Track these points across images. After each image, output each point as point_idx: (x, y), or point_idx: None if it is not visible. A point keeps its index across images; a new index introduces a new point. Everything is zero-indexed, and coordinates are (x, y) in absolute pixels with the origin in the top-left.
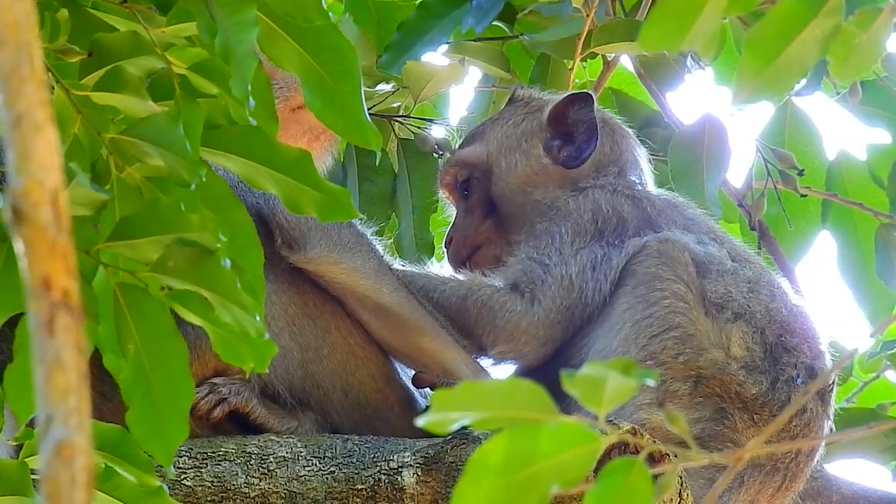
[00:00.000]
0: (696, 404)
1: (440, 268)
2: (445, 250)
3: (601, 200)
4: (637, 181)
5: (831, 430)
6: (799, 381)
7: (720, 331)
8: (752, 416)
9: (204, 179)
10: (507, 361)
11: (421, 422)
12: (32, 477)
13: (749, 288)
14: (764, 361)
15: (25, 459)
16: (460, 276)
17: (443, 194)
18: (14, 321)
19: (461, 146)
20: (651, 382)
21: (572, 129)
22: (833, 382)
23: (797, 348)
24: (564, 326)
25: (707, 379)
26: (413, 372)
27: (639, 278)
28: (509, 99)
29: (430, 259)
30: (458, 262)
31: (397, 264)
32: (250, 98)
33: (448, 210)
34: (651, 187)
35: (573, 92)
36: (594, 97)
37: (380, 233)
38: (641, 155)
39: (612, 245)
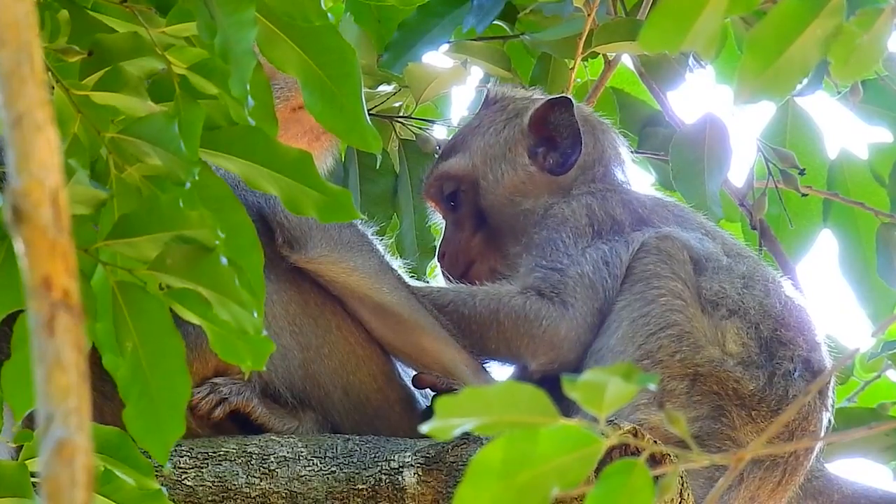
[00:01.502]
0: (693, 402)
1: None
2: (439, 265)
3: (594, 205)
4: (623, 178)
5: (830, 421)
6: (796, 374)
7: (715, 328)
8: (749, 412)
9: (197, 178)
10: (551, 370)
11: (424, 428)
12: (32, 480)
13: (743, 284)
14: (760, 356)
15: (25, 461)
16: (486, 288)
17: (429, 205)
18: (14, 320)
19: (443, 157)
20: (652, 387)
21: (554, 134)
22: (829, 370)
23: (793, 341)
24: (595, 329)
25: (704, 376)
26: (413, 372)
27: (637, 275)
28: (483, 101)
29: (431, 260)
30: (453, 279)
31: (425, 283)
32: (249, 97)
33: (433, 217)
34: (633, 181)
35: (552, 97)
36: (573, 101)
37: (381, 233)
38: (622, 147)
39: (614, 241)
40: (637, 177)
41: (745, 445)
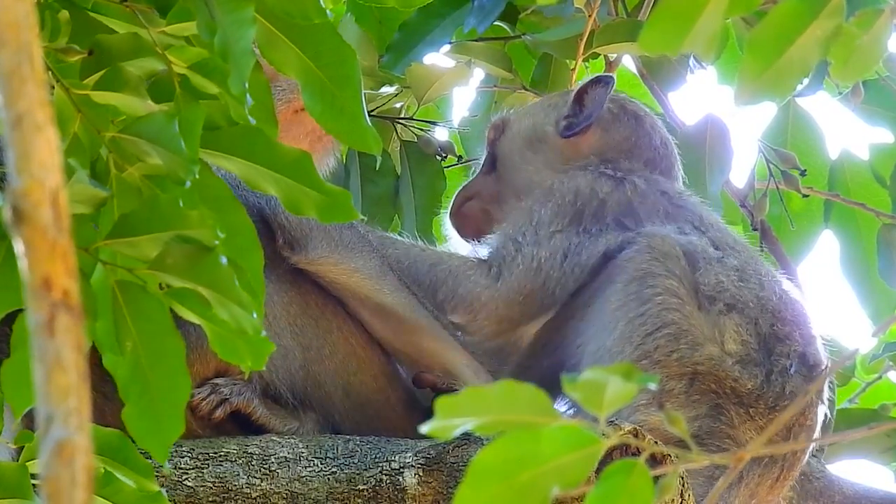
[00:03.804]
0: (692, 402)
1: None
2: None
3: (582, 181)
4: (650, 182)
5: (827, 416)
6: (792, 370)
7: (714, 325)
8: (747, 410)
9: (197, 177)
10: (462, 333)
11: (424, 428)
12: (33, 482)
13: (738, 277)
14: (758, 353)
15: (25, 462)
16: (438, 248)
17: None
18: (13, 320)
19: None
20: (652, 386)
21: (586, 106)
22: (826, 368)
23: (789, 336)
24: (522, 310)
25: (702, 375)
26: (414, 372)
27: (630, 274)
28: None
29: None
30: (451, 213)
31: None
32: (248, 95)
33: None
34: (671, 183)
35: (601, 74)
36: (614, 81)
37: None
38: (666, 155)
39: (588, 233)
40: None
41: (745, 443)
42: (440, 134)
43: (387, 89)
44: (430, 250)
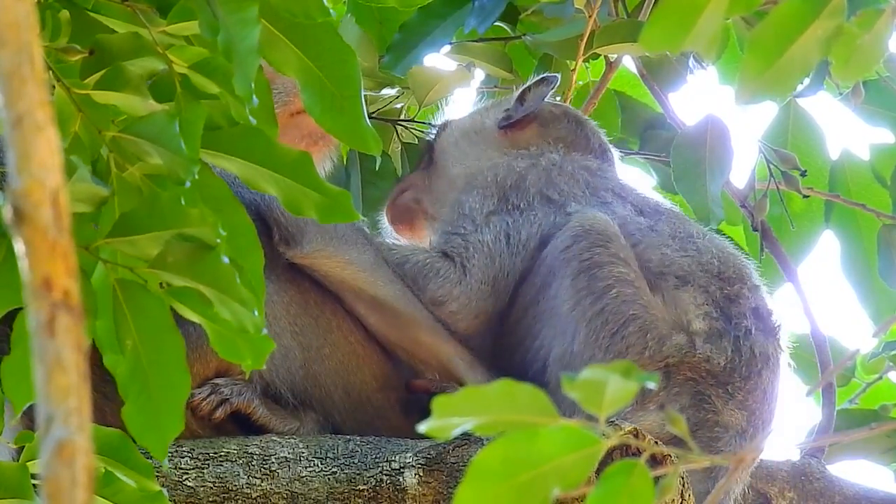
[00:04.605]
0: (673, 396)
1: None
2: None
3: (500, 162)
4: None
5: (790, 364)
6: (753, 329)
7: (673, 305)
8: (725, 388)
9: (197, 177)
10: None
11: (423, 428)
12: (33, 482)
13: (678, 244)
14: (720, 322)
15: (26, 462)
16: (400, 244)
17: None
18: (12, 319)
19: None
20: (652, 385)
21: (527, 102)
22: (780, 320)
23: (739, 294)
24: (494, 300)
25: (676, 366)
26: (411, 370)
27: (575, 267)
28: None
29: None
30: (386, 204)
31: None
32: (253, 95)
33: None
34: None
35: (546, 75)
36: (557, 80)
37: None
38: (602, 155)
39: (519, 210)
40: (638, 179)
41: (732, 426)
42: None
43: (387, 91)
44: (397, 248)
